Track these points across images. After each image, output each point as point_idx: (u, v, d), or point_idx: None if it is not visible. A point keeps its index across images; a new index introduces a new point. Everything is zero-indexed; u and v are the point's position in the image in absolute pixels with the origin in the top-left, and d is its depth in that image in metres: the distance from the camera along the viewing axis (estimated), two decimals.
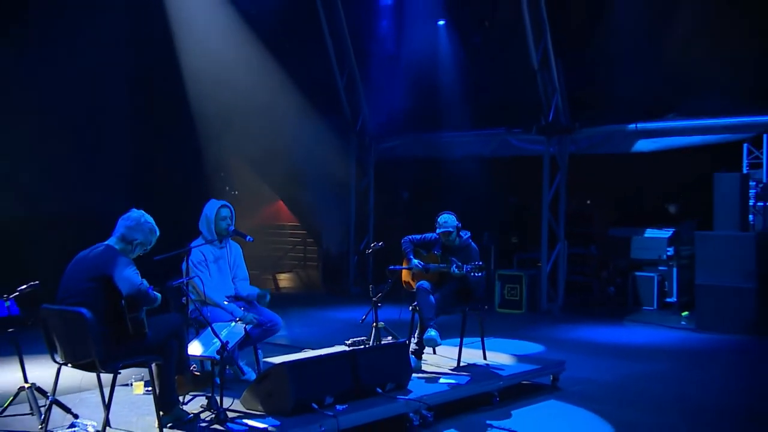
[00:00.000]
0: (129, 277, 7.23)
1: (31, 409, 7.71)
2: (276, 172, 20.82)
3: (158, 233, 7.92)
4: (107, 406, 7.24)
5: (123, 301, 7.25)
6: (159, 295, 7.48)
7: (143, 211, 7.95)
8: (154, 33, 18.57)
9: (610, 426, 9.11)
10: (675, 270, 16.21)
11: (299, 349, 12.27)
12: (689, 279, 15.60)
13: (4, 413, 8.05)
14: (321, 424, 7.62)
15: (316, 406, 7.79)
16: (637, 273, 16.92)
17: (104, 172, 17.66)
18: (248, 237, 9.89)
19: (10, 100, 16.11)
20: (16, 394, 7.95)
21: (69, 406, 7.67)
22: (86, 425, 7.37)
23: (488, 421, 9.04)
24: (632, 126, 16.27)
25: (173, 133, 18.98)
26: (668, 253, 16.33)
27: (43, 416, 7.40)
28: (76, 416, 7.55)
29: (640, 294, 16.93)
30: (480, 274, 10.66)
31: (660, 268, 16.57)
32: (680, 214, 16.62)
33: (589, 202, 18.44)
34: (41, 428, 7.29)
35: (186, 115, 19.03)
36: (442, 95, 19.52)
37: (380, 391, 8.58)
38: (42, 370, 8.48)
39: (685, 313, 15.66)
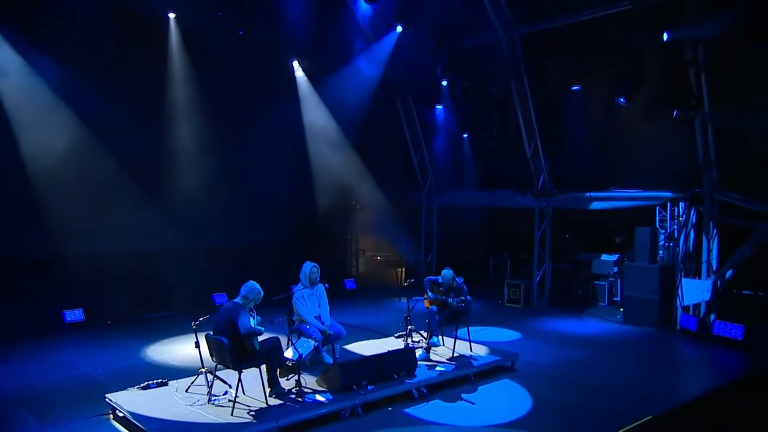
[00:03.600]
0: (244, 323, 8.66)
1: (207, 383, 8.91)
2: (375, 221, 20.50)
3: (262, 293, 9.02)
4: (238, 384, 8.71)
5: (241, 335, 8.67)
6: (262, 328, 8.93)
7: (254, 282, 9.04)
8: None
9: (531, 399, 9.66)
10: (619, 281, 16.70)
11: (369, 335, 13.15)
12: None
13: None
14: (356, 398, 8.86)
15: (355, 387, 9.11)
16: (596, 282, 17.54)
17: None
18: (326, 285, 10.83)
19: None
20: (198, 375, 9.28)
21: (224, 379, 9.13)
22: (230, 391, 8.81)
23: (462, 394, 9.80)
24: (588, 194, 16.64)
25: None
26: (614, 271, 16.99)
27: (210, 385, 8.88)
28: (229, 386, 8.93)
29: (597, 295, 17.46)
30: (463, 305, 11.27)
31: (610, 279, 17.11)
32: (621, 247, 17.12)
33: (567, 235, 18.95)
34: (208, 393, 8.83)
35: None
36: (476, 169, 19.94)
37: (396, 377, 9.69)
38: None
39: (621, 309, 16.03)
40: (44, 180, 13.43)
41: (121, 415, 8.45)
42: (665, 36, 12.64)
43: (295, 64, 17.95)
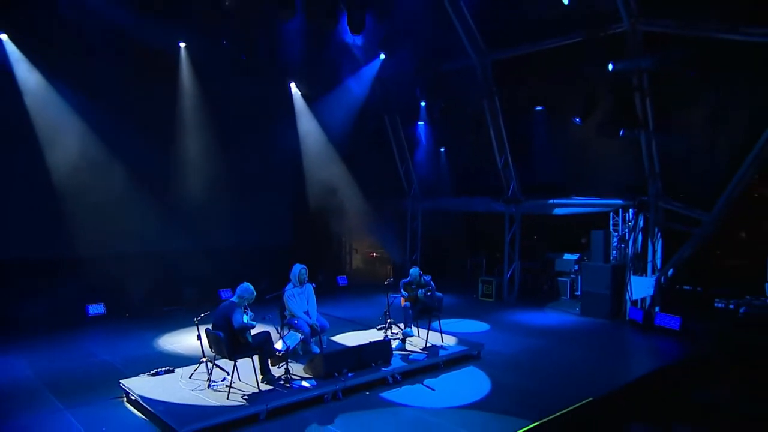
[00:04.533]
0: (237, 320, 8.80)
1: (207, 370, 9.14)
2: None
3: (255, 293, 9.11)
4: (233, 371, 8.90)
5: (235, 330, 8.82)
6: (255, 323, 9.00)
7: (248, 283, 9.14)
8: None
9: (490, 384, 9.84)
10: (579, 277, 16.62)
11: (355, 327, 13.32)
12: None
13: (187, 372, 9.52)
14: (337, 384, 9.09)
15: (336, 374, 9.35)
16: (559, 278, 17.74)
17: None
18: (313, 284, 10.79)
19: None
20: (199, 364, 9.54)
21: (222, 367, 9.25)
22: (227, 377, 8.96)
23: (429, 380, 9.97)
24: (552, 201, 16.76)
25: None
26: (575, 268, 17.14)
27: (209, 372, 9.13)
28: (227, 373, 9.08)
29: (560, 290, 17.62)
30: (430, 293, 11.44)
31: (571, 276, 17.27)
32: (582, 247, 17.10)
33: (535, 237, 18.92)
34: (208, 379, 9.06)
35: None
36: (455, 179, 20.09)
37: (373, 365, 9.90)
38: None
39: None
40: (68, 190, 13.65)
41: (133, 398, 8.66)
42: (610, 66, 13.05)
43: (293, 85, 18.00)
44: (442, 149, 19.95)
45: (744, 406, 9.62)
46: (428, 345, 11.29)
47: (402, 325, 11.49)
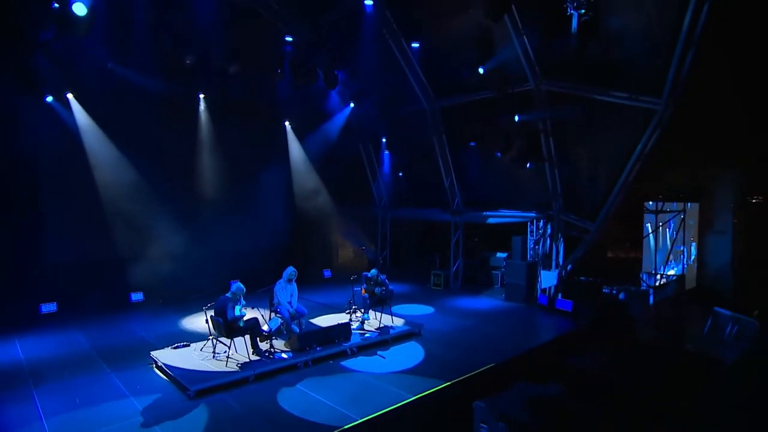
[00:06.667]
0: (229, 314, 9.13)
1: (213, 345, 9.58)
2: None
3: (245, 290, 9.26)
4: (230, 345, 9.39)
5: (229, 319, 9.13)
6: (245, 312, 9.22)
7: (240, 282, 9.28)
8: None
9: (424, 355, 10.19)
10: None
11: (330, 311, 13.22)
12: None
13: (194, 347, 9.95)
14: (308, 355, 9.56)
15: (308, 348, 9.82)
16: (492, 271, 17.74)
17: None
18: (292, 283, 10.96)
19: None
20: (207, 340, 9.98)
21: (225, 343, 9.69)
22: (227, 350, 9.35)
23: (379, 352, 10.38)
24: (485, 212, 16.99)
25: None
26: (504, 264, 16.90)
27: (214, 347, 9.62)
28: (228, 347, 9.48)
29: (493, 280, 17.61)
30: (384, 289, 11.75)
31: (501, 270, 17.18)
32: (509, 248, 16.82)
33: (476, 239, 19.01)
34: (213, 352, 9.49)
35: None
36: (414, 194, 20.03)
37: (336, 341, 10.34)
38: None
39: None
40: (111, 207, 13.70)
41: (159, 365, 9.28)
42: (516, 118, 13.73)
43: (288, 124, 18.02)
44: (400, 173, 19.93)
45: (606, 370, 9.92)
46: (381, 326, 11.60)
47: (362, 311, 11.96)
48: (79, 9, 9.67)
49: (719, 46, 10.83)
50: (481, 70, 12.83)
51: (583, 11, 9.19)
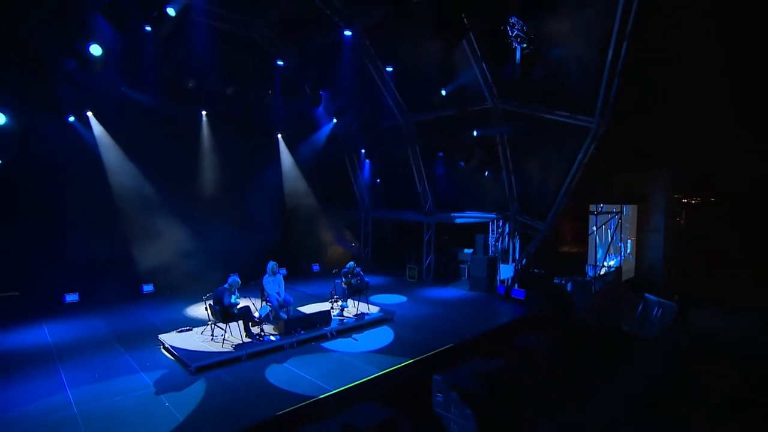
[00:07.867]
0: (226, 301, 9.23)
1: (211, 329, 9.63)
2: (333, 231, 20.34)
3: (240, 282, 9.38)
4: (226, 329, 9.51)
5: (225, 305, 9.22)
6: (238, 301, 9.24)
7: (236, 275, 9.41)
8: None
9: (394, 337, 10.28)
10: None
11: (315, 300, 13.11)
12: None
13: (195, 332, 9.95)
14: (293, 338, 9.63)
15: (293, 332, 9.87)
16: (461, 265, 17.70)
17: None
18: (284, 271, 11.09)
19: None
20: (207, 325, 10.02)
21: (222, 327, 9.72)
22: (223, 333, 9.41)
23: (354, 335, 10.47)
24: (453, 213, 16.70)
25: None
26: (470, 258, 16.48)
27: (212, 331, 9.66)
28: (224, 331, 9.59)
29: (460, 273, 17.58)
30: (360, 279, 11.84)
31: (468, 263, 16.92)
32: (474, 244, 16.80)
33: (446, 237, 18.98)
34: (212, 335, 9.50)
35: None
36: (392, 197, 19.90)
37: (318, 326, 10.36)
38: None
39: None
40: (125, 211, 13.77)
41: (165, 346, 9.50)
42: (475, 132, 14.05)
43: (279, 136, 17.94)
44: (378, 180, 19.94)
45: (544, 348, 10.53)
46: (358, 313, 11.68)
47: (341, 300, 12.20)
48: (96, 50, 10.23)
49: (640, 73, 11.38)
50: (443, 92, 13.26)
51: (525, 45, 9.74)
